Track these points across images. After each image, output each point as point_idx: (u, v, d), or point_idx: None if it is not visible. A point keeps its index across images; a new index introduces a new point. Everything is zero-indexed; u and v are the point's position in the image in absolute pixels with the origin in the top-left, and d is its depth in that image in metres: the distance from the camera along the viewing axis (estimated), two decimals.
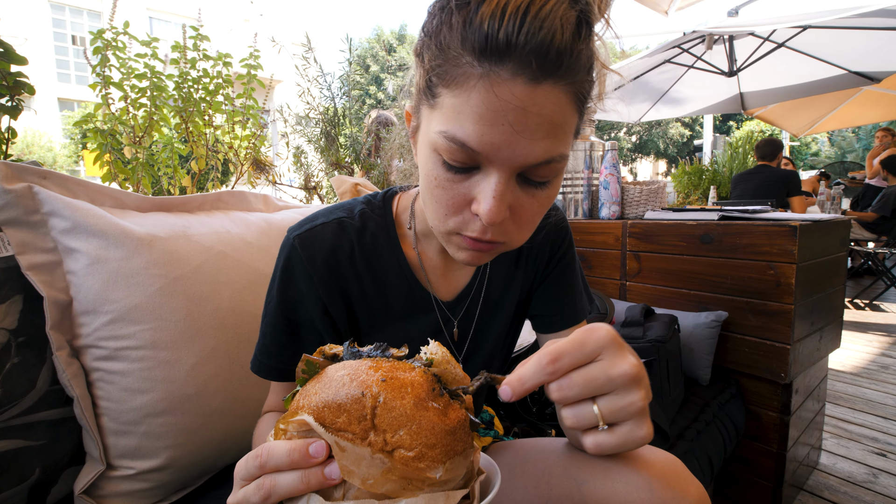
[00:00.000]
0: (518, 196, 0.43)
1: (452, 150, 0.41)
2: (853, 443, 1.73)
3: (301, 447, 0.31)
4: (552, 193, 0.46)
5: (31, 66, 0.96)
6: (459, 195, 0.43)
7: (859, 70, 3.49)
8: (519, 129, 0.38)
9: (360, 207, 0.61)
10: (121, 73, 1.34)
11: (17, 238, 0.66)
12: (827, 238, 1.28)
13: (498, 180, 0.41)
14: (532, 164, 0.40)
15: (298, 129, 1.90)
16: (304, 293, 0.56)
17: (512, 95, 0.37)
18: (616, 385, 0.34)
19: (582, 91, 0.41)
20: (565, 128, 0.41)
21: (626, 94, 4.38)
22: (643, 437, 0.34)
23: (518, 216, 0.45)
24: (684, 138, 20.60)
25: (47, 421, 0.68)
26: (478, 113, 0.38)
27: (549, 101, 0.38)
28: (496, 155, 0.40)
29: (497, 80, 0.37)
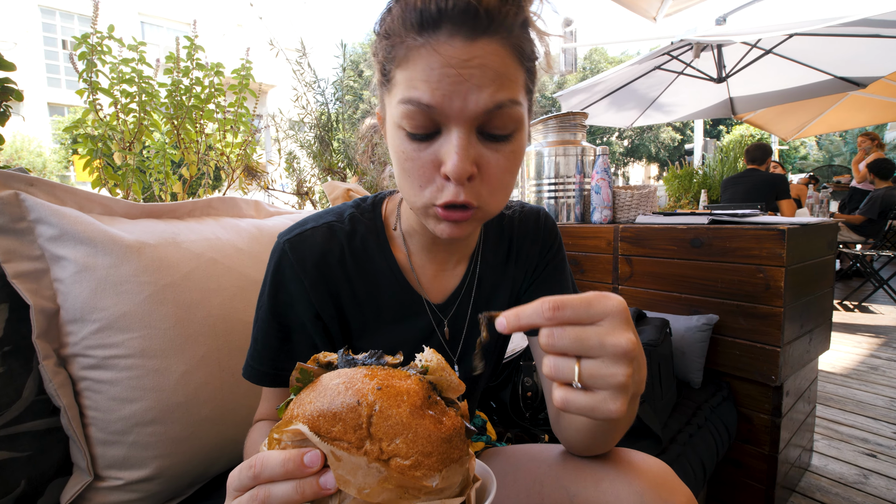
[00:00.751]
0: (482, 152, 0.45)
1: (411, 113, 0.43)
2: (844, 444, 1.75)
3: (296, 457, 0.31)
4: (517, 150, 0.47)
5: (21, 71, 0.96)
6: (427, 162, 0.45)
7: (844, 76, 3.55)
8: (465, 77, 0.41)
9: (350, 211, 0.61)
10: (109, 78, 1.33)
11: (3, 246, 0.65)
12: (815, 241, 1.29)
13: (458, 135, 0.43)
14: (484, 109, 0.42)
15: (291, 135, 1.89)
16: (295, 297, 0.56)
17: (453, 51, 0.41)
18: (605, 353, 0.33)
19: (520, 45, 0.44)
20: (510, 76, 0.44)
21: (617, 100, 4.42)
22: (614, 411, 0.32)
23: (487, 176, 0.46)
24: (675, 142, 20.81)
25: (33, 431, 0.67)
26: (426, 73, 0.42)
27: (487, 53, 0.42)
28: (449, 106, 0.42)
29: (437, 44, 0.41)
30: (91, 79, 1.30)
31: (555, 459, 0.57)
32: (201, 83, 1.47)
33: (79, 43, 1.28)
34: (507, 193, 0.50)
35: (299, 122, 1.92)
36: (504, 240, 0.67)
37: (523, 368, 1.06)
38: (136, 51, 1.36)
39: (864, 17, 2.42)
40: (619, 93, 4.29)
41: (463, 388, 0.37)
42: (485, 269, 0.65)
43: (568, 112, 1.76)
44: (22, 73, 0.94)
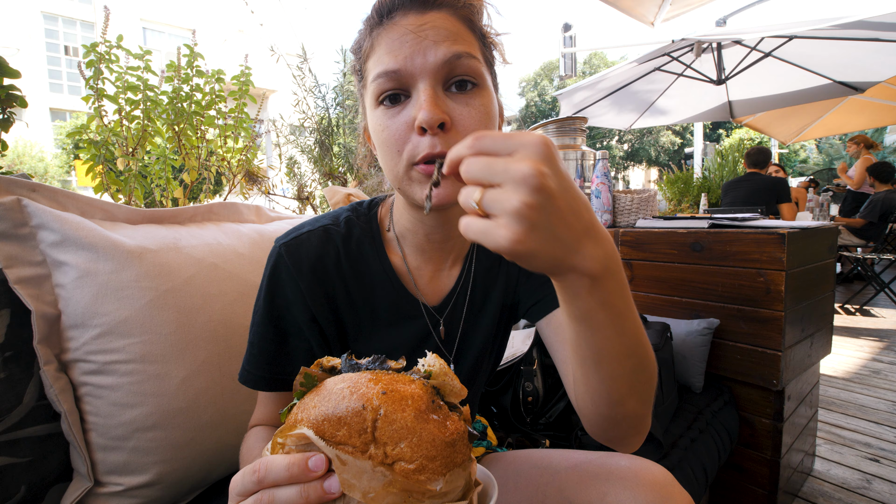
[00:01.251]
0: (451, 105, 0.48)
1: (381, 82, 0.48)
2: (847, 448, 1.74)
3: (300, 461, 0.31)
4: (486, 104, 0.50)
5: (24, 76, 0.96)
6: (402, 125, 0.48)
7: (843, 80, 3.56)
8: (419, 38, 0.46)
9: (346, 215, 0.62)
10: (115, 86, 1.34)
11: (5, 251, 0.65)
12: (815, 245, 1.29)
13: (424, 88, 0.47)
14: (443, 59, 0.46)
15: (292, 140, 1.90)
16: (291, 300, 0.56)
17: (407, 23, 0.47)
18: (508, 178, 0.30)
19: (469, 16, 0.50)
20: (462, 36, 0.49)
21: (617, 101, 4.43)
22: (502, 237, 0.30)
23: (462, 126, 0.48)
24: (675, 146, 20.85)
25: (34, 437, 0.67)
26: (387, 48, 0.48)
27: (438, 19, 0.48)
28: (412, 64, 0.47)
29: (392, 24, 0.48)
30: (97, 86, 1.31)
31: (555, 466, 0.57)
32: (201, 90, 1.48)
33: (88, 51, 1.30)
34: None
35: (300, 127, 1.92)
36: None
37: (524, 373, 1.05)
38: (142, 59, 1.37)
39: (861, 18, 2.43)
40: (620, 94, 4.30)
41: (465, 393, 0.37)
42: (479, 270, 0.65)
43: (567, 117, 1.77)
44: (24, 79, 0.95)
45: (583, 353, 0.41)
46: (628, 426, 0.45)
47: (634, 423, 0.45)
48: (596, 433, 0.49)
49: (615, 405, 0.43)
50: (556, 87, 22.32)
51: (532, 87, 23.49)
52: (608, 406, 0.43)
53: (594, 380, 0.42)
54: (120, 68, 1.34)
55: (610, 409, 0.44)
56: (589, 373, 0.42)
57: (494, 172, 0.31)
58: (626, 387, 0.42)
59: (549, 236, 0.31)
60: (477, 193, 0.31)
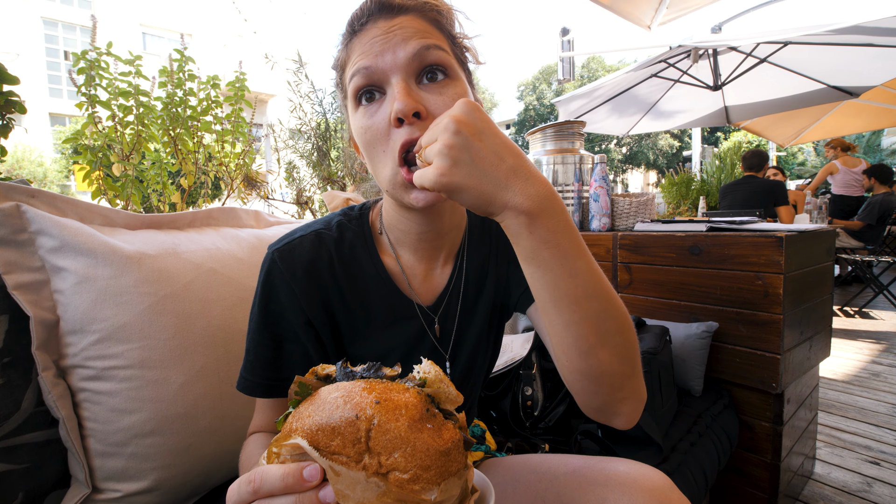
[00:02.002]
0: (425, 96, 0.49)
1: (356, 80, 0.50)
2: (847, 451, 1.74)
3: (295, 471, 0.31)
4: (459, 93, 0.51)
5: (23, 81, 0.97)
6: (381, 121, 0.50)
7: (838, 85, 3.58)
8: (390, 38, 0.49)
9: (338, 219, 0.62)
10: (107, 92, 1.35)
11: (4, 257, 0.65)
12: (813, 248, 1.30)
13: (397, 81, 0.48)
14: (413, 53, 0.48)
15: (290, 145, 1.91)
16: (285, 306, 0.56)
17: (377, 29, 0.49)
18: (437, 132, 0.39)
19: (436, 18, 0.52)
20: (430, 34, 0.50)
21: (615, 107, 4.45)
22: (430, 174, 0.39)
23: (438, 112, 0.49)
24: (673, 149, 20.92)
25: (32, 443, 0.66)
26: (361, 51, 0.50)
27: (407, 22, 0.50)
28: (384, 61, 0.49)
29: (364, 32, 0.50)
30: (90, 92, 1.31)
31: (554, 472, 0.57)
32: (195, 94, 1.49)
33: (77, 59, 1.30)
34: None
35: (298, 132, 1.93)
36: (486, 235, 0.68)
37: (523, 378, 1.05)
38: (133, 65, 1.38)
39: (856, 24, 2.45)
40: (617, 100, 4.33)
41: (461, 400, 0.37)
42: (470, 268, 0.65)
43: (566, 121, 1.77)
44: (24, 84, 0.95)
45: (542, 298, 0.42)
46: (609, 386, 0.44)
47: (615, 382, 0.44)
48: (583, 402, 0.48)
49: (586, 355, 0.43)
50: (555, 90, 22.40)
51: (530, 91, 23.59)
52: (579, 357, 0.43)
53: (558, 325, 0.43)
54: (111, 74, 1.35)
55: (582, 360, 0.43)
56: (552, 319, 0.43)
57: (433, 133, 0.40)
58: (594, 334, 0.42)
59: (473, 171, 0.39)
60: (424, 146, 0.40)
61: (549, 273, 0.40)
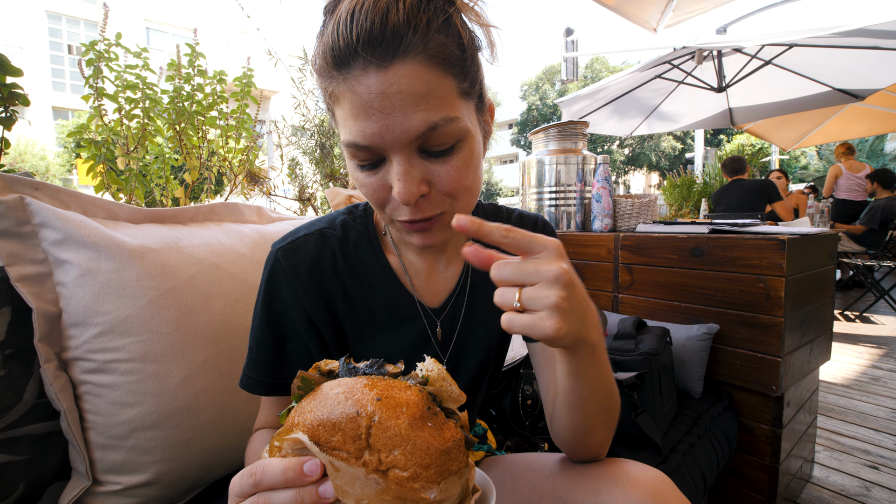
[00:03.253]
0: (429, 169, 0.46)
1: (353, 153, 0.46)
2: (846, 455, 1.74)
3: (296, 465, 0.31)
4: (467, 157, 0.47)
5: (26, 75, 0.97)
6: (379, 188, 0.47)
7: (843, 87, 3.57)
8: (388, 111, 0.41)
9: (342, 218, 0.62)
10: (115, 84, 1.34)
11: (7, 249, 0.65)
12: (815, 251, 1.30)
13: (398, 162, 0.44)
14: (416, 134, 0.42)
15: (294, 141, 1.91)
16: (288, 304, 0.56)
17: (368, 87, 0.41)
18: (541, 278, 0.37)
19: (442, 53, 0.42)
20: (435, 94, 0.42)
21: (618, 109, 4.45)
22: (550, 328, 0.36)
23: (442, 186, 0.47)
24: (676, 151, 20.89)
25: (33, 435, 0.67)
26: (352, 114, 0.43)
27: (404, 78, 0.41)
28: (383, 142, 0.43)
29: (354, 81, 0.42)
30: (97, 85, 1.31)
31: (553, 470, 0.57)
32: (202, 89, 1.49)
33: (87, 49, 1.30)
34: (471, 193, 0.50)
35: (301, 129, 1.93)
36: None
37: (523, 376, 1.05)
38: (140, 57, 1.38)
39: (861, 27, 2.44)
40: (620, 101, 4.32)
41: (463, 399, 0.37)
42: (477, 272, 0.65)
43: (569, 121, 1.77)
44: (27, 77, 0.95)
45: (572, 400, 0.49)
46: (594, 449, 0.55)
47: (598, 446, 0.54)
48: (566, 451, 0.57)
49: (588, 435, 0.52)
50: (558, 90, 22.37)
51: (534, 91, 23.56)
52: (583, 435, 0.53)
53: (578, 418, 0.51)
54: (119, 66, 1.34)
55: (584, 437, 0.53)
56: (575, 413, 0.51)
57: (527, 274, 0.37)
58: (598, 422, 0.51)
59: (578, 319, 0.38)
60: (516, 293, 0.38)
61: (588, 384, 0.47)
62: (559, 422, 0.54)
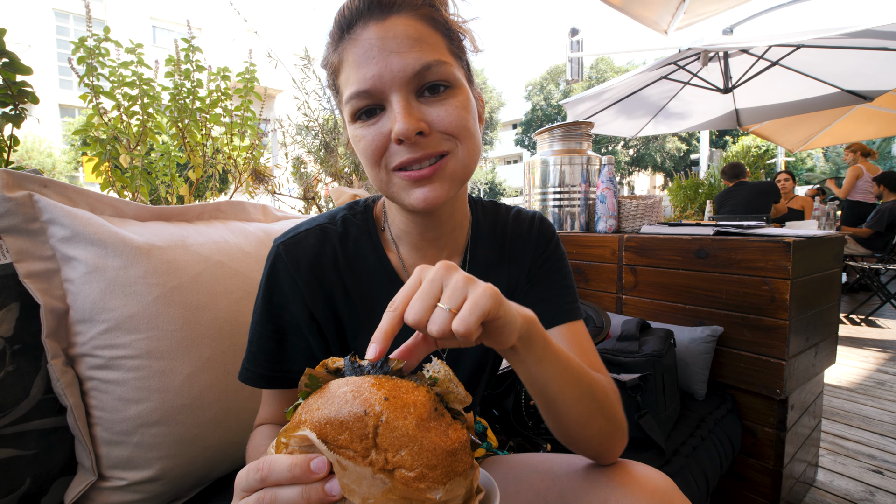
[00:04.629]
0: (427, 111, 0.48)
1: (355, 102, 0.48)
2: (850, 460, 1.73)
3: (303, 462, 0.31)
4: (463, 102, 0.50)
5: (34, 73, 0.97)
6: (378, 135, 0.49)
7: (852, 88, 3.54)
8: (385, 52, 0.46)
9: (343, 214, 0.62)
10: (110, 82, 1.33)
11: (16, 246, 0.66)
12: (821, 254, 1.29)
13: (398, 100, 0.47)
14: (413, 72, 0.46)
15: (298, 140, 1.91)
16: (289, 298, 0.57)
17: (369, 35, 0.47)
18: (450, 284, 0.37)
19: (431, 16, 0.49)
20: (428, 40, 0.48)
21: (623, 109, 4.43)
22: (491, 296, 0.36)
23: (442, 125, 0.49)
24: (681, 152, 20.79)
25: (40, 430, 0.67)
26: (355, 66, 0.47)
27: (400, 26, 0.47)
28: (382, 81, 0.46)
29: (356, 37, 0.47)
30: (93, 82, 1.30)
31: (556, 471, 0.57)
32: (202, 85, 1.48)
33: (76, 47, 1.28)
34: (473, 139, 0.51)
35: (306, 128, 1.93)
36: (496, 240, 0.67)
37: None
38: (134, 53, 1.36)
39: (869, 27, 2.42)
40: (626, 102, 4.30)
41: (469, 401, 0.37)
42: (475, 268, 0.65)
43: (574, 122, 1.77)
44: (35, 75, 0.96)
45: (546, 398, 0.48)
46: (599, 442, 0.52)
47: (602, 439, 0.52)
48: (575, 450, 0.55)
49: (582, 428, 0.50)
50: (563, 91, 22.32)
51: (538, 91, 23.51)
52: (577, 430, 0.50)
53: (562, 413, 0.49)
54: (113, 62, 1.32)
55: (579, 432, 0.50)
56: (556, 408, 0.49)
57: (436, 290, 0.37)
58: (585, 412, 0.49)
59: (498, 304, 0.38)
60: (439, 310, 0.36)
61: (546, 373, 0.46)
62: (549, 424, 0.53)
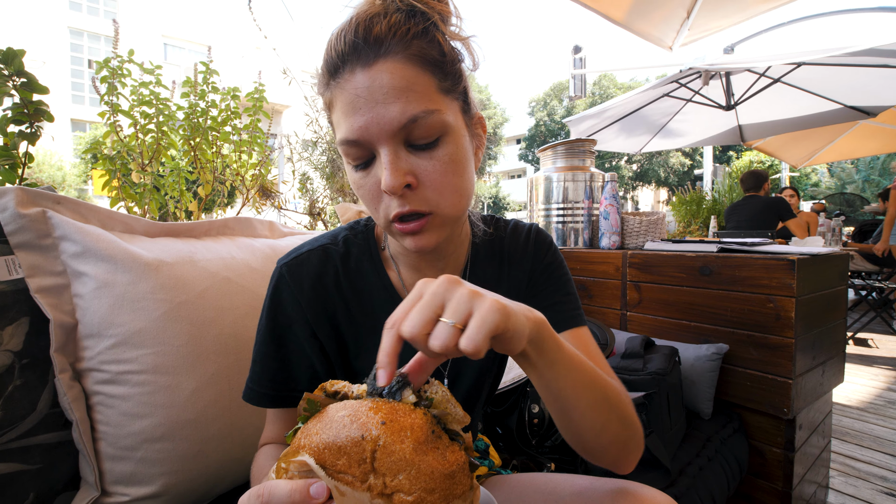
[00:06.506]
0: (415, 163, 0.48)
1: (346, 151, 0.49)
2: (861, 481, 1.69)
3: (302, 488, 0.32)
4: (451, 153, 0.49)
5: (50, 91, 1.00)
6: (372, 186, 0.50)
7: (854, 105, 3.56)
8: (371, 103, 0.45)
9: (344, 234, 0.63)
10: (129, 101, 1.38)
11: (28, 261, 0.67)
12: (826, 271, 1.28)
13: (385, 153, 0.47)
14: (399, 125, 0.46)
15: (305, 157, 1.94)
16: (292, 318, 0.58)
17: (356, 84, 0.46)
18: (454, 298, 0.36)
19: (422, 54, 0.47)
20: (415, 88, 0.46)
21: (626, 126, 4.46)
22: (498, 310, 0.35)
23: (429, 182, 0.49)
24: (685, 167, 20.84)
25: (45, 444, 0.68)
26: (343, 113, 0.47)
27: (386, 73, 0.45)
28: (369, 133, 0.46)
29: (343, 83, 0.47)
30: (112, 101, 1.34)
31: (560, 492, 0.57)
32: (217, 106, 1.52)
33: (100, 67, 1.33)
34: (458, 194, 0.52)
35: (313, 144, 1.96)
36: (495, 256, 0.67)
37: (530, 395, 1.05)
38: (153, 74, 1.41)
39: (871, 46, 2.44)
40: (628, 119, 4.34)
41: (468, 421, 0.37)
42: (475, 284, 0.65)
43: (577, 139, 1.79)
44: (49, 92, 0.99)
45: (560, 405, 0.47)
46: (617, 449, 0.50)
47: (621, 445, 0.50)
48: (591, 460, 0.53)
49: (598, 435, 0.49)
50: (566, 107, 22.53)
51: (542, 107, 23.74)
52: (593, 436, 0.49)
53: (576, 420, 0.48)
54: (134, 81, 1.37)
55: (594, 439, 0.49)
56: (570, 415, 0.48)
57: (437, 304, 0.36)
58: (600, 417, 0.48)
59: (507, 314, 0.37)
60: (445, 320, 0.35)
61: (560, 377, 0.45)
62: (563, 432, 0.52)
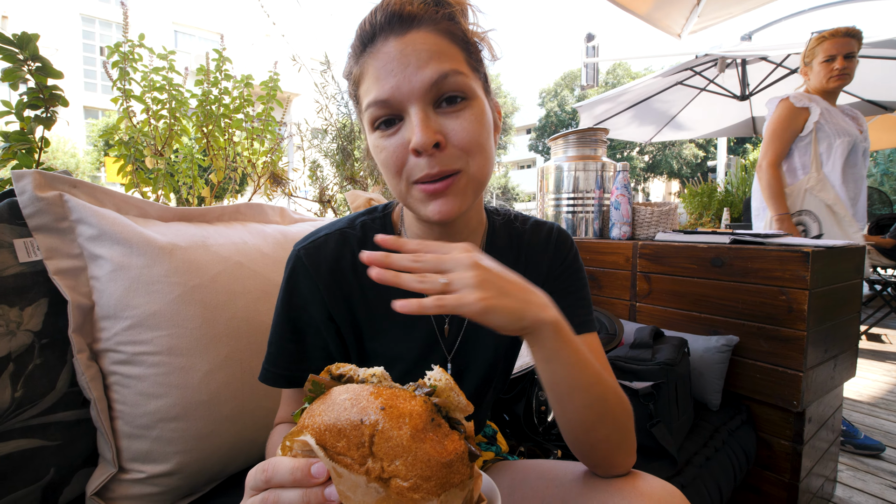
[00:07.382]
0: (444, 123, 0.49)
1: (374, 110, 0.50)
2: (870, 476, 1.68)
3: (304, 466, 0.33)
4: (478, 115, 0.51)
5: (64, 77, 1.01)
6: (398, 146, 0.50)
7: (872, 98, 3.47)
8: (404, 64, 0.48)
9: (362, 219, 0.64)
10: (141, 86, 1.38)
11: (46, 244, 0.69)
12: (841, 264, 1.26)
13: (416, 111, 0.48)
14: (430, 82, 0.48)
15: (315, 144, 1.94)
16: (308, 300, 0.58)
17: (389, 50, 0.48)
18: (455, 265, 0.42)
19: (450, 30, 0.50)
20: (447, 53, 0.49)
21: (638, 114, 4.40)
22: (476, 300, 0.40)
23: (457, 139, 0.50)
24: (698, 159, 20.52)
25: (64, 422, 0.70)
26: (375, 78, 0.49)
27: (419, 40, 0.48)
28: (401, 93, 0.48)
29: (376, 52, 0.49)
30: (124, 87, 1.35)
31: (562, 478, 0.57)
32: (229, 93, 1.53)
33: (112, 52, 1.33)
34: (485, 154, 0.52)
35: (323, 132, 1.96)
36: (513, 249, 0.67)
37: (538, 382, 1.05)
38: (166, 59, 1.41)
39: (891, 38, 2.37)
40: (641, 107, 4.27)
41: (471, 409, 0.37)
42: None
43: (588, 128, 1.77)
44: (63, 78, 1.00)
45: (557, 391, 0.49)
46: (604, 451, 0.52)
47: (611, 448, 0.51)
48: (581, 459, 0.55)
49: (588, 432, 0.50)
50: (577, 97, 22.23)
51: (552, 97, 23.45)
52: (583, 432, 0.51)
53: (570, 412, 0.50)
54: (145, 66, 1.38)
55: (584, 435, 0.51)
56: (565, 406, 0.50)
57: (443, 261, 0.43)
58: (593, 415, 0.49)
59: (501, 293, 0.42)
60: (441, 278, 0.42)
61: (565, 368, 0.47)
62: (557, 421, 0.53)
